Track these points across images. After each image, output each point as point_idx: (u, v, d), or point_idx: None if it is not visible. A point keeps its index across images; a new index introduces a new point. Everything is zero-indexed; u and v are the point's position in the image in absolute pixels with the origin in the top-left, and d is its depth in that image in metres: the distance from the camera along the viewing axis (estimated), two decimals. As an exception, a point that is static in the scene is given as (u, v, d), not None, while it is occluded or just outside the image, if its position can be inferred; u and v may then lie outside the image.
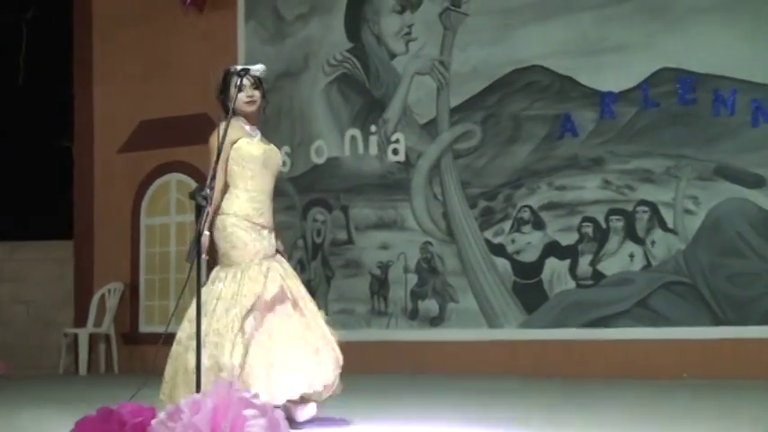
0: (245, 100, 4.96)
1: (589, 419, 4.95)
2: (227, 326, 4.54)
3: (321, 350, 4.69)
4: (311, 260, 9.44)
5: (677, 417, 5.08)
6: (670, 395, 6.36)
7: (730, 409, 5.44)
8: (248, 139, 4.94)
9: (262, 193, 4.91)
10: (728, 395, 6.29)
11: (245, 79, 4.92)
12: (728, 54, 7.82)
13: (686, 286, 7.81)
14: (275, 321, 4.62)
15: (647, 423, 4.84)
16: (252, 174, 4.88)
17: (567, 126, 8.38)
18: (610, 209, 8.16)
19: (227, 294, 4.66)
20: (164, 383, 4.73)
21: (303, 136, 9.63)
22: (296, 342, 4.61)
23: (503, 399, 6.18)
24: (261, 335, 4.55)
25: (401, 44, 9.28)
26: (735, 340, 7.58)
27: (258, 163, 4.89)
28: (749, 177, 7.71)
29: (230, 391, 1.67)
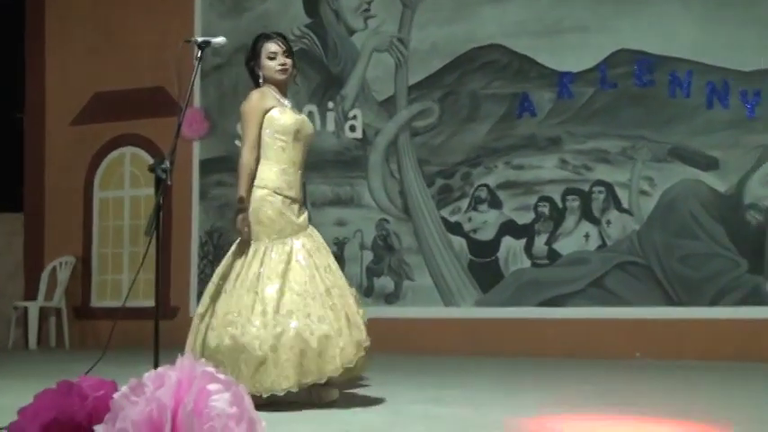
0: (276, 68, 4.74)
1: (543, 398, 4.98)
2: (248, 305, 4.39)
3: (343, 332, 4.46)
4: (267, 236, 9.38)
5: (630, 395, 5.13)
6: (623, 374, 6.42)
7: (683, 388, 5.51)
8: (280, 109, 4.70)
9: (292, 165, 4.69)
10: (681, 374, 6.36)
11: (278, 46, 4.75)
12: (685, 37, 7.89)
13: (640, 266, 7.89)
14: (298, 302, 4.42)
15: (600, 401, 4.88)
16: (283, 145, 4.66)
17: (526, 105, 8.40)
18: (566, 189, 8.21)
19: (248, 272, 4.49)
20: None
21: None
22: (319, 324, 4.40)
23: (457, 377, 6.20)
24: (283, 316, 4.37)
25: (360, 20, 9.23)
26: (686, 320, 7.67)
27: (290, 134, 4.66)
28: (703, 159, 7.80)
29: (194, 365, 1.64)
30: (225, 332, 4.36)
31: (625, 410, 4.47)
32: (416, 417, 4.20)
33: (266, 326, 4.33)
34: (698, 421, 4.11)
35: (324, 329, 4.38)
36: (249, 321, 4.35)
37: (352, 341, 4.46)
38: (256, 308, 4.38)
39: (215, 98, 9.77)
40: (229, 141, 9.62)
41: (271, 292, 4.41)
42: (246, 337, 4.32)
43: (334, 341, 4.40)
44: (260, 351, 4.29)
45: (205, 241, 9.67)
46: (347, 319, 4.50)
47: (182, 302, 9.62)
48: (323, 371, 4.38)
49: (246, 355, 4.30)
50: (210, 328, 4.43)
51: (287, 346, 4.30)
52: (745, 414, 4.33)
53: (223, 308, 4.44)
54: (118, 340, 5.67)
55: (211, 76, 9.73)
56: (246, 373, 4.28)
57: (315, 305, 4.43)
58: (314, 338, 4.35)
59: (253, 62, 4.83)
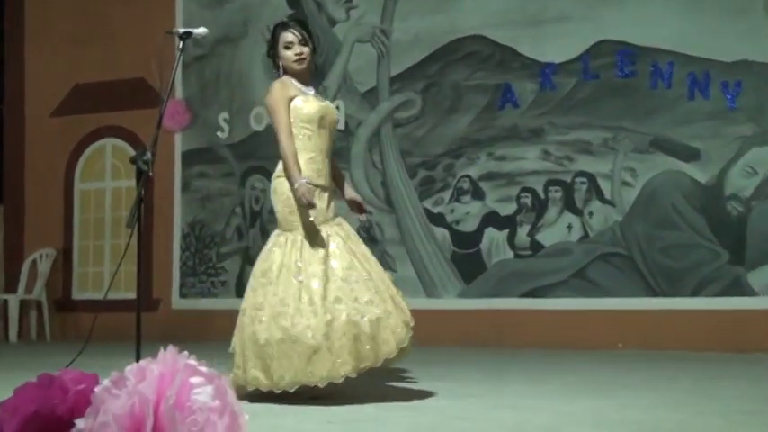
0: (293, 58, 4.68)
1: (526, 389, 4.99)
2: (294, 296, 4.34)
3: (392, 313, 4.43)
4: (249, 227, 9.37)
5: (612, 386, 5.14)
6: (605, 364, 6.44)
7: (665, 379, 5.53)
8: (303, 97, 4.64)
9: (320, 153, 4.63)
10: (662, 365, 6.39)
11: (293, 35, 4.69)
12: (667, 27, 7.91)
13: (622, 257, 7.92)
14: (344, 287, 4.38)
15: (583, 392, 4.89)
16: (309, 133, 4.61)
17: (508, 96, 8.40)
18: (548, 180, 8.22)
19: (288, 262, 4.45)
20: (235, 356, 4.55)
21: (242, 102, 9.53)
22: (368, 307, 4.37)
23: (440, 368, 6.20)
24: (331, 302, 4.32)
25: (342, 11, 9.20)
26: (668, 311, 7.71)
27: (315, 122, 4.61)
28: (684, 150, 7.82)
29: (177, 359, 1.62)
30: (275, 325, 4.31)
31: (608, 402, 4.48)
32: (400, 409, 4.20)
33: (316, 314, 4.29)
34: (680, 412, 4.13)
35: (374, 312, 4.36)
36: (299, 311, 4.31)
37: (401, 321, 4.46)
38: (303, 297, 4.34)
39: (197, 89, 9.73)
40: (211, 133, 9.59)
41: (315, 280, 4.37)
42: (298, 328, 4.27)
43: (385, 323, 4.39)
44: (313, 340, 4.24)
45: (187, 233, 9.63)
46: (392, 300, 4.49)
47: (164, 294, 9.60)
48: (378, 354, 4.37)
49: (299, 346, 4.25)
50: (259, 322, 4.38)
51: (339, 332, 4.27)
52: (727, 404, 4.35)
53: (270, 300, 4.39)
54: (99, 333, 5.64)
55: (193, 67, 9.69)
56: (299, 364, 4.25)
57: (360, 289, 4.41)
58: (365, 322, 4.33)
59: (272, 52, 4.78)
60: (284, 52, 4.70)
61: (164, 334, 7.09)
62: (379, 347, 4.36)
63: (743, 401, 4.43)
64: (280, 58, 4.72)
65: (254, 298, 4.50)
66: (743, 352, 7.10)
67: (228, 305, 9.25)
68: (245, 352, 4.45)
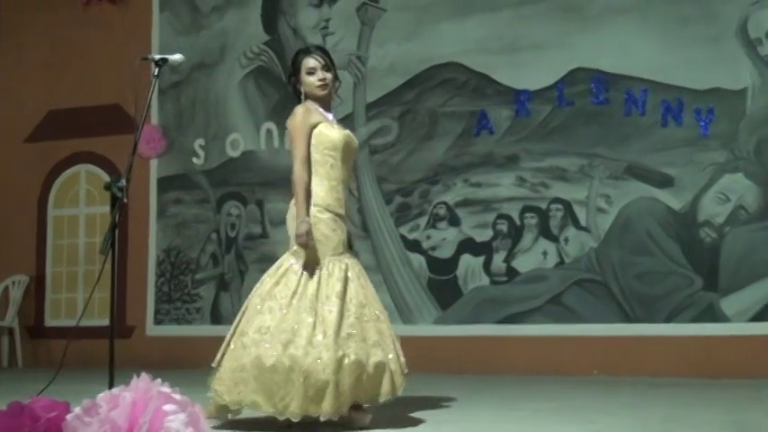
0: (316, 84, 4.63)
1: (501, 415, 4.98)
2: (308, 326, 4.27)
3: (392, 357, 4.42)
4: (225, 254, 9.34)
5: (587, 412, 5.14)
6: (580, 391, 6.44)
7: (639, 405, 5.53)
8: (327, 124, 4.60)
9: (341, 183, 4.59)
10: (637, 391, 6.40)
11: (316, 61, 4.64)
12: (640, 55, 7.98)
13: (598, 284, 7.94)
14: (356, 325, 4.34)
15: (558, 418, 4.89)
16: (333, 162, 4.55)
17: (483, 123, 8.44)
18: (524, 206, 8.24)
19: (304, 291, 4.38)
20: (219, 374, 4.46)
21: (218, 129, 9.53)
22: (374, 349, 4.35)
23: (415, 395, 6.18)
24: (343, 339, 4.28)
25: (318, 38, 9.23)
26: (643, 337, 7.73)
27: (339, 150, 4.56)
28: (658, 177, 7.88)
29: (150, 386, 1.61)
30: (283, 351, 4.24)
31: (583, 428, 4.48)
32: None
33: (328, 349, 4.23)
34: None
35: (379, 356, 4.36)
36: (311, 343, 4.24)
37: (399, 369, 4.46)
38: (317, 329, 4.28)
39: (172, 115, 9.72)
40: (187, 159, 9.57)
41: (332, 314, 4.31)
42: (309, 360, 4.21)
43: (387, 368, 4.39)
44: (323, 375, 4.19)
45: (162, 260, 9.59)
46: (393, 344, 4.48)
47: (138, 321, 9.53)
48: (375, 396, 4.38)
49: (310, 379, 4.19)
50: (265, 345, 4.30)
51: (347, 371, 4.24)
52: (699, 431, 4.36)
53: (279, 326, 4.32)
54: (72, 360, 5.60)
55: (169, 93, 9.68)
56: (306, 395, 4.19)
57: (370, 329, 4.40)
58: (370, 364, 4.32)
59: (294, 78, 4.73)
60: (307, 78, 4.65)
61: (138, 361, 7.04)
62: (377, 389, 4.38)
63: (715, 427, 4.44)
64: (302, 84, 4.68)
65: (260, 321, 4.39)
66: (716, 378, 7.12)
67: (204, 332, 9.23)
68: (240, 374, 4.35)
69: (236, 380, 4.37)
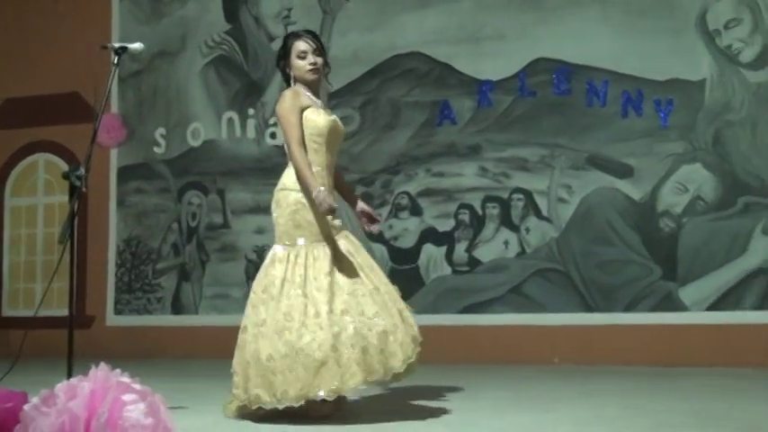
0: (307, 68, 4.60)
1: (461, 404, 5.00)
2: (299, 309, 4.24)
3: (399, 327, 4.34)
4: (186, 244, 9.28)
5: (548, 401, 5.18)
6: (541, 380, 6.48)
7: (599, 393, 5.58)
8: (314, 109, 4.58)
9: (325, 168, 4.56)
10: (597, 379, 6.45)
11: (307, 45, 4.61)
12: (601, 46, 8.03)
13: (559, 273, 7.99)
14: (350, 301, 4.30)
15: (518, 407, 4.92)
16: (317, 147, 4.53)
17: (446, 113, 8.45)
18: (486, 196, 8.27)
19: (292, 276, 4.34)
20: (235, 377, 4.42)
21: (179, 117, 9.46)
22: (375, 320, 4.29)
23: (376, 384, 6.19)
24: (338, 315, 4.24)
25: (280, 27, 9.19)
26: (603, 326, 7.79)
27: (324, 135, 4.54)
28: (619, 167, 7.93)
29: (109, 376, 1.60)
30: (279, 340, 4.21)
31: (541, 416, 4.51)
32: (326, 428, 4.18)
33: (322, 327, 4.19)
34: (612, 426, 4.17)
35: (381, 325, 4.29)
36: (304, 325, 4.22)
37: (408, 336, 4.38)
38: (309, 310, 4.25)
39: (133, 104, 9.64)
40: (148, 148, 9.50)
41: (321, 294, 4.28)
42: (303, 341, 4.17)
43: (393, 336, 4.31)
44: (319, 352, 4.14)
45: (123, 249, 9.52)
46: (400, 314, 4.41)
47: (98, 312, 9.46)
48: (387, 367, 4.29)
49: (305, 359, 4.15)
50: (262, 338, 4.27)
51: (347, 345, 4.18)
52: (657, 419, 4.40)
53: (273, 316, 4.29)
54: (31, 350, 5.55)
55: (129, 81, 9.60)
56: (305, 378, 4.14)
57: (367, 303, 4.33)
58: (373, 335, 4.25)
59: (283, 62, 4.69)
60: (297, 62, 4.62)
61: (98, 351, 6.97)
62: (387, 360, 4.29)
63: (673, 415, 4.49)
64: (291, 68, 4.65)
65: (256, 315, 4.38)
66: (675, 366, 7.20)
67: (165, 322, 9.20)
68: (247, 371, 4.32)
69: (246, 377, 4.34)
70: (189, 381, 6.47)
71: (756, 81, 7.70)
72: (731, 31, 7.79)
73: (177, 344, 8.94)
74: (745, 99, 7.72)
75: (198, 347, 8.73)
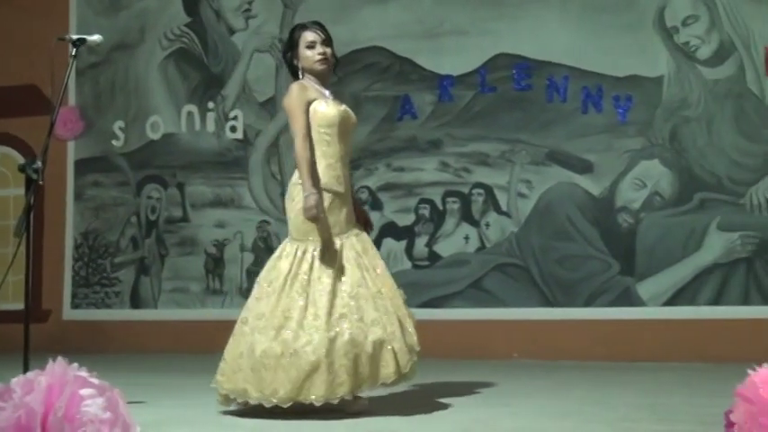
0: (316, 58, 4.53)
1: (419, 399, 5.01)
2: (299, 309, 4.18)
3: (396, 335, 4.26)
4: (145, 237, 9.22)
5: (506, 395, 5.20)
6: (500, 374, 6.51)
7: (558, 388, 5.61)
8: (323, 101, 4.49)
9: (339, 160, 4.47)
10: (556, 374, 6.49)
11: (316, 35, 4.55)
12: (561, 42, 8.08)
13: (518, 268, 8.03)
14: (350, 305, 4.23)
15: (477, 401, 4.93)
16: (329, 139, 4.44)
17: (407, 108, 8.46)
18: (446, 191, 8.29)
19: (297, 273, 4.28)
20: (222, 363, 4.36)
21: (138, 111, 9.38)
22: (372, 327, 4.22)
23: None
24: (336, 319, 4.18)
25: (241, 20, 9.15)
26: (562, 321, 7.84)
27: (335, 126, 4.46)
28: (579, 163, 7.99)
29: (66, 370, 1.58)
30: (275, 336, 4.16)
31: (499, 410, 4.53)
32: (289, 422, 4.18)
33: (319, 330, 4.14)
34: (570, 420, 4.20)
35: (377, 333, 4.22)
36: (301, 326, 4.16)
37: (405, 345, 4.31)
38: (308, 311, 4.19)
39: (91, 97, 9.54)
40: (106, 141, 9.42)
41: (323, 295, 4.22)
42: (299, 342, 4.13)
43: (388, 345, 4.25)
44: (313, 356, 4.10)
45: (80, 243, 9.43)
46: (399, 322, 4.33)
47: (54, 305, 9.37)
48: (377, 377, 4.25)
49: (298, 360, 4.10)
50: (258, 332, 4.22)
51: (341, 353, 4.13)
52: (615, 413, 4.44)
53: (273, 311, 4.24)
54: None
55: (87, 74, 9.50)
56: (297, 380, 4.10)
57: (367, 308, 4.27)
58: (368, 343, 4.19)
59: (290, 53, 4.61)
60: (306, 52, 4.55)
61: (54, 346, 6.91)
62: (378, 370, 4.24)
63: (630, 409, 4.53)
64: (299, 59, 4.58)
65: (258, 308, 4.32)
66: (632, 361, 7.26)
67: (123, 316, 9.12)
68: (238, 361, 4.27)
69: (235, 368, 4.29)
70: (148, 375, 6.43)
71: (713, 78, 7.79)
72: (689, 28, 7.87)
73: (136, 338, 8.88)
74: (702, 96, 7.80)
75: (156, 341, 8.69)
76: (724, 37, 7.80)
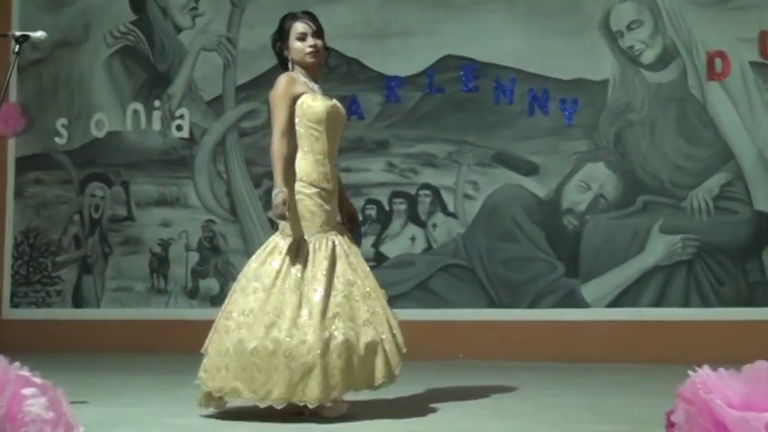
0: (307, 51, 4.47)
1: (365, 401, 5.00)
2: (292, 307, 4.08)
3: (387, 336, 4.22)
4: (88, 236, 9.10)
5: (452, 396, 5.22)
6: (446, 375, 6.53)
7: (504, 388, 5.65)
8: (311, 95, 4.43)
9: (327, 156, 4.40)
10: (500, 375, 6.52)
11: (307, 26, 4.47)
12: (509, 45, 8.13)
13: (464, 269, 8.07)
14: (344, 304, 4.15)
15: (422, 402, 4.94)
16: (317, 135, 4.38)
17: (354, 108, 8.45)
18: (393, 191, 8.30)
19: (289, 270, 4.17)
20: (205, 359, 4.24)
21: (82, 108, 9.26)
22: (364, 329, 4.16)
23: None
24: (329, 319, 4.09)
25: (188, 18, 9.07)
26: (507, 322, 7.89)
27: (323, 122, 4.39)
28: (525, 165, 8.05)
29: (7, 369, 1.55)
30: (266, 334, 4.06)
31: (445, 411, 4.55)
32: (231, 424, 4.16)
33: (314, 330, 4.04)
34: (517, 421, 4.23)
35: (370, 335, 4.16)
36: (295, 325, 4.06)
37: (395, 347, 4.27)
38: (303, 310, 4.09)
39: (33, 94, 9.40)
40: (49, 139, 9.28)
41: (317, 294, 4.12)
42: (293, 342, 4.03)
43: (381, 348, 4.19)
44: (309, 356, 4.01)
45: (20, 241, 9.28)
46: (388, 323, 4.29)
47: (-6, 305, 9.22)
48: (369, 379, 4.19)
49: (294, 362, 4.01)
50: (247, 328, 4.11)
51: (335, 354, 4.05)
52: (562, 413, 4.48)
53: (263, 307, 4.13)
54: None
55: (30, 71, 9.36)
56: (291, 380, 4.02)
57: (360, 308, 4.20)
58: (360, 345, 4.13)
59: (279, 44, 4.53)
60: (296, 44, 4.48)
61: (-6, 346, 6.78)
62: (370, 373, 4.19)
63: (573, 410, 4.57)
64: (289, 51, 4.49)
65: (245, 302, 4.21)
66: (576, 362, 7.33)
67: (65, 315, 8.99)
68: (224, 359, 4.15)
69: (219, 365, 4.17)
70: (90, 375, 6.35)
71: (656, 82, 7.90)
72: (633, 33, 7.98)
73: (78, 337, 8.76)
74: (646, 100, 7.91)
75: (99, 341, 8.58)
76: (667, 42, 7.91)
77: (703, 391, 1.80)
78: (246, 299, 4.24)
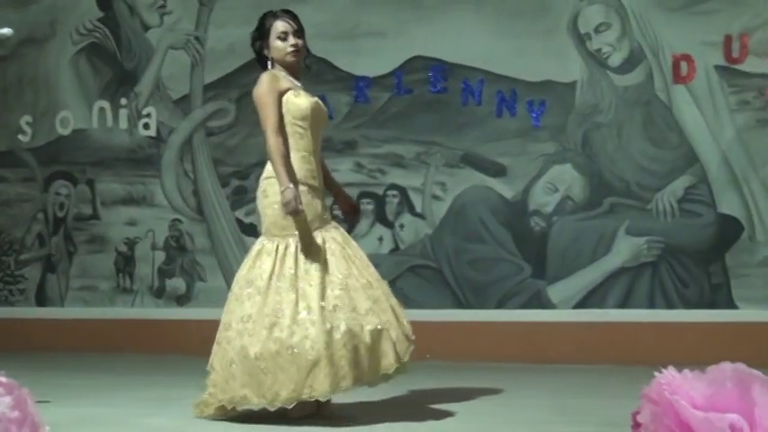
0: (288, 50, 4.45)
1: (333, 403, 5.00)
2: (290, 305, 4.04)
3: (392, 324, 4.19)
4: (52, 235, 9.02)
5: (419, 397, 5.23)
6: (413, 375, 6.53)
7: (467, 389, 5.66)
8: (295, 92, 4.39)
9: (312, 153, 4.38)
10: (467, 376, 6.54)
11: (288, 25, 4.45)
12: (477, 46, 8.15)
13: (431, 270, 8.08)
14: (342, 296, 4.12)
15: (389, 403, 4.95)
16: (301, 131, 4.35)
17: (322, 108, 8.44)
18: (361, 192, 8.29)
19: (281, 270, 4.14)
20: (212, 374, 4.19)
21: (47, 105, 9.17)
22: (368, 317, 4.13)
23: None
24: (330, 312, 4.05)
25: (155, 16, 9.02)
26: (474, 323, 7.91)
27: (307, 119, 4.35)
28: (492, 166, 8.07)
29: (-29, 368, 1.54)
30: (268, 336, 4.02)
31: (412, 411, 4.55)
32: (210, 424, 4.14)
33: (315, 324, 4.00)
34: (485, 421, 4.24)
35: (373, 322, 4.13)
36: (295, 321, 4.02)
37: (401, 333, 4.23)
38: (300, 306, 4.06)
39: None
40: (12, 136, 9.19)
41: (313, 289, 4.08)
42: (295, 338, 3.99)
43: (386, 334, 4.16)
44: (313, 351, 3.97)
45: (-16, 240, 9.19)
46: (392, 310, 4.26)
47: (-44, 304, 9.12)
48: (378, 367, 4.15)
49: (298, 358, 3.97)
50: (249, 335, 4.06)
51: (340, 344, 4.01)
52: (530, 414, 4.49)
53: (261, 311, 4.09)
54: None
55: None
56: (299, 378, 3.97)
57: (359, 298, 4.16)
58: (365, 333, 4.08)
59: (259, 42, 4.49)
60: (277, 43, 4.45)
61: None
62: (378, 360, 4.16)
63: (537, 410, 4.60)
64: (270, 50, 4.46)
65: (241, 310, 4.18)
66: (542, 363, 7.37)
67: (28, 314, 8.90)
68: (230, 369, 4.10)
69: (227, 376, 4.13)
70: (54, 374, 6.30)
71: (623, 85, 7.95)
72: (601, 36, 8.02)
73: (41, 336, 8.68)
74: (613, 102, 7.96)
75: (63, 340, 8.51)
76: (634, 45, 7.96)
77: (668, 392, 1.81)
78: (242, 306, 4.21)
